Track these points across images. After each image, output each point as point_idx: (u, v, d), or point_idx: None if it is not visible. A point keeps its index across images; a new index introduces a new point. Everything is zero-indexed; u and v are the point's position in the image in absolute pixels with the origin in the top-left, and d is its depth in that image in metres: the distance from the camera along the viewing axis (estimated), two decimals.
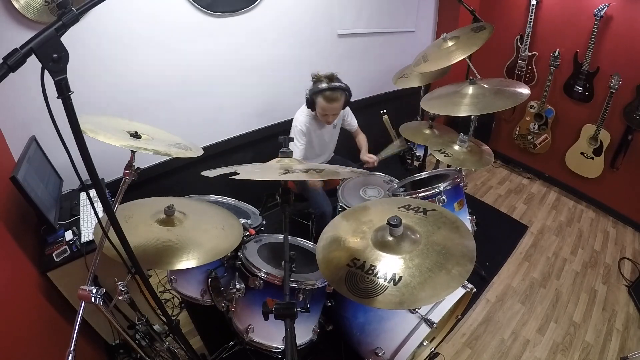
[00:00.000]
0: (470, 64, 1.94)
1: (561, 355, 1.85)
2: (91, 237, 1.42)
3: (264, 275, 1.31)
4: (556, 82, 2.88)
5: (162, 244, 1.14)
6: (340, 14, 2.59)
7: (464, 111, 1.68)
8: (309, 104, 1.95)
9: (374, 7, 2.78)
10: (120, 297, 1.06)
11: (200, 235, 1.23)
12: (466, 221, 1.82)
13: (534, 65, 3.01)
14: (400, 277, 0.96)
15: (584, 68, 2.65)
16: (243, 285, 1.33)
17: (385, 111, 2.05)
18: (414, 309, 1.33)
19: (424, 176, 1.96)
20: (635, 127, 2.52)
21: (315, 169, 1.09)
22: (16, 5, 1.43)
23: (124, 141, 1.05)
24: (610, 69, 2.50)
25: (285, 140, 1.21)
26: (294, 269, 1.04)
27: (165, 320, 1.09)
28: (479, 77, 1.85)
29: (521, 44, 2.99)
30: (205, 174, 1.08)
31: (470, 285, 1.44)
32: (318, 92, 1.87)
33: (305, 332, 1.39)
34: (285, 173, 0.98)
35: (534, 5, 2.78)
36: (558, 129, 3.05)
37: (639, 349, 1.85)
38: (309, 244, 1.67)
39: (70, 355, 0.75)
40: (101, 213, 0.89)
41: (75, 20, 0.58)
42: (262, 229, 1.68)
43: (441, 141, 1.92)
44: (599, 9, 2.41)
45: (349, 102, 1.99)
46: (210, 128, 2.32)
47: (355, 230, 1.16)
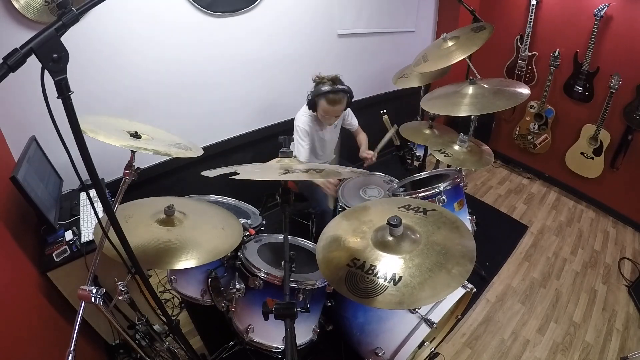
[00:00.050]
0: (470, 64, 1.94)
1: (561, 355, 1.85)
2: (91, 237, 1.42)
3: (264, 275, 1.31)
4: (556, 82, 2.88)
5: (162, 244, 1.14)
6: (340, 14, 2.59)
7: (464, 111, 1.68)
8: (311, 105, 1.94)
9: (374, 7, 2.78)
10: (120, 297, 1.06)
11: (200, 235, 1.23)
12: (466, 221, 1.82)
13: (534, 65, 3.01)
14: (400, 277, 0.96)
15: (584, 68, 2.65)
16: (243, 285, 1.33)
17: (385, 111, 2.05)
18: (414, 309, 1.33)
19: (424, 176, 1.95)
20: (635, 127, 2.52)
21: (315, 169, 1.09)
22: (16, 5, 1.43)
23: (124, 141, 1.05)
24: (610, 69, 2.50)
25: (285, 140, 1.21)
26: (294, 269, 1.04)
27: (165, 320, 1.09)
28: (479, 77, 1.85)
29: (521, 44, 2.99)
30: (205, 174, 1.08)
31: (470, 285, 1.44)
32: (320, 95, 1.86)
33: (305, 332, 1.39)
34: (285, 173, 0.98)
35: (534, 5, 2.78)
36: (558, 129, 3.05)
37: (639, 349, 1.85)
38: (309, 244, 1.67)
39: (70, 355, 0.75)
40: (101, 213, 0.89)
41: (75, 20, 0.58)
42: (262, 229, 1.68)
43: (441, 141, 1.92)
44: (599, 9, 2.41)
45: (350, 103, 1.99)
46: (210, 128, 2.32)
47: (355, 230, 1.16)
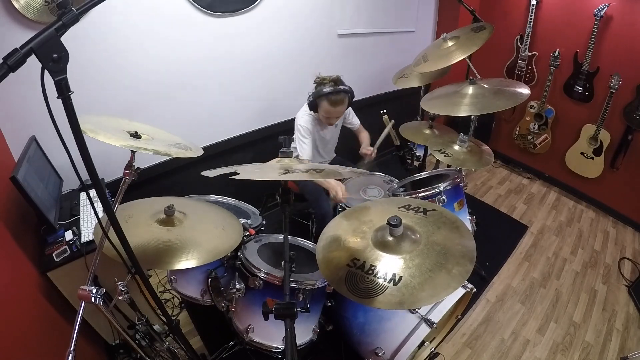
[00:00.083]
0: (470, 64, 1.94)
1: (561, 355, 1.85)
2: (91, 237, 1.42)
3: (264, 275, 1.31)
4: (556, 82, 2.88)
5: (162, 244, 1.14)
6: (340, 14, 2.59)
7: (464, 111, 1.68)
8: (312, 106, 1.93)
9: (374, 7, 2.78)
10: (120, 297, 1.06)
11: (200, 235, 1.23)
12: (466, 221, 1.82)
13: (534, 65, 3.01)
14: (400, 277, 0.96)
15: (584, 68, 2.65)
16: (243, 285, 1.33)
17: (385, 111, 2.05)
18: (414, 309, 1.33)
19: (424, 176, 1.96)
20: (635, 127, 2.52)
21: (315, 169, 1.09)
22: (16, 5, 1.43)
23: (124, 141, 1.05)
24: (610, 69, 2.50)
25: (285, 140, 1.21)
26: (294, 269, 1.03)
27: (165, 320, 1.09)
28: (479, 77, 1.85)
29: (521, 44, 2.99)
30: (205, 174, 1.08)
31: (470, 285, 1.44)
32: (322, 96, 1.85)
33: (305, 332, 1.39)
34: (285, 173, 0.98)
35: (534, 5, 2.78)
36: (558, 129, 3.05)
37: (639, 349, 1.85)
38: (309, 244, 1.67)
39: (70, 355, 0.75)
40: (101, 213, 0.89)
41: (75, 20, 0.58)
42: (262, 229, 1.68)
43: (441, 141, 1.92)
44: (599, 9, 2.41)
45: (351, 103, 1.99)
46: (210, 128, 2.32)
47: (356, 230, 1.16)
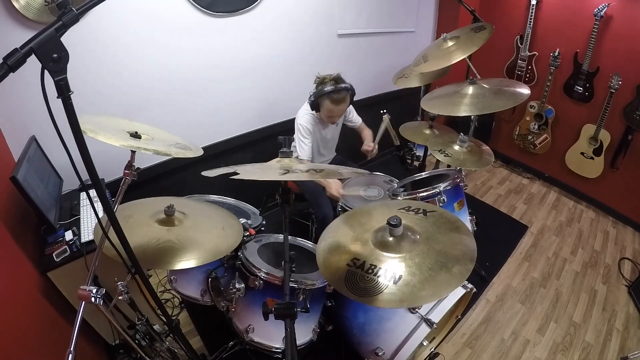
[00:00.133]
0: (470, 64, 1.94)
1: (561, 355, 1.85)
2: (91, 237, 1.42)
3: (264, 275, 1.31)
4: (556, 82, 2.88)
5: (162, 244, 1.14)
6: (340, 14, 2.59)
7: (464, 111, 1.68)
8: (314, 106, 1.93)
9: (374, 7, 2.78)
10: (120, 297, 1.06)
11: (200, 235, 1.23)
12: (466, 221, 1.82)
13: (534, 65, 3.01)
14: (401, 276, 0.96)
15: (584, 68, 2.65)
16: (243, 285, 1.33)
17: (385, 111, 2.05)
18: (414, 309, 1.33)
19: (424, 176, 1.95)
20: (635, 127, 2.52)
21: (315, 169, 1.09)
22: (16, 5, 1.43)
23: (124, 141, 1.05)
24: (610, 69, 2.50)
25: (285, 140, 1.21)
26: (294, 269, 1.03)
27: (165, 320, 1.09)
28: (479, 77, 1.85)
29: (521, 44, 2.99)
30: (205, 174, 1.08)
31: (470, 285, 1.44)
32: (324, 95, 1.85)
33: (305, 332, 1.39)
34: (285, 173, 0.98)
35: (534, 5, 2.78)
36: (558, 129, 3.05)
37: (639, 349, 1.85)
38: (309, 244, 1.67)
39: (70, 355, 0.75)
40: (101, 213, 0.89)
41: (75, 20, 0.58)
42: (262, 229, 1.68)
43: (441, 141, 1.92)
44: (599, 9, 2.41)
45: (352, 100, 1.98)
46: (210, 128, 2.32)
47: (355, 239, 1.15)
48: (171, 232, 1.19)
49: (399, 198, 1.68)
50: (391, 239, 1.07)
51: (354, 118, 2.27)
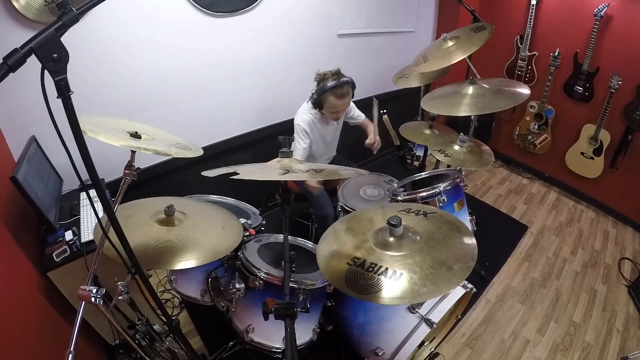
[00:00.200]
0: (470, 64, 1.94)
1: (561, 355, 1.85)
2: (91, 237, 1.42)
3: (264, 275, 1.31)
4: (556, 82, 2.88)
5: (162, 244, 1.14)
6: (340, 14, 2.59)
7: (464, 111, 1.68)
8: (317, 103, 1.92)
9: (374, 7, 2.78)
10: (120, 297, 1.06)
11: (200, 235, 1.23)
12: (466, 221, 1.82)
13: (534, 65, 3.01)
14: (402, 274, 0.96)
15: (584, 68, 2.65)
16: (243, 285, 1.33)
17: (385, 111, 2.05)
18: (414, 309, 1.33)
19: (424, 176, 1.96)
20: (635, 127, 2.52)
21: (315, 169, 1.10)
22: (16, 5, 1.43)
23: (124, 141, 1.05)
24: (610, 69, 2.50)
25: (285, 140, 1.21)
26: (294, 269, 1.04)
27: (165, 320, 1.09)
28: (479, 77, 1.85)
29: (521, 44, 2.99)
30: (205, 174, 1.08)
31: (470, 285, 1.44)
32: (327, 91, 1.84)
33: (305, 332, 1.39)
34: (285, 173, 0.98)
35: (534, 5, 2.78)
36: (558, 129, 3.05)
37: (639, 349, 1.85)
38: (309, 244, 1.67)
39: (70, 355, 0.75)
40: (101, 213, 0.89)
41: (75, 20, 0.58)
42: (262, 229, 1.68)
43: (441, 141, 1.92)
44: (599, 9, 2.41)
45: (353, 94, 1.97)
46: (210, 128, 2.32)
47: (355, 239, 1.15)
48: (171, 232, 1.19)
49: (399, 198, 1.68)
50: (392, 239, 1.07)
51: (356, 114, 2.26)
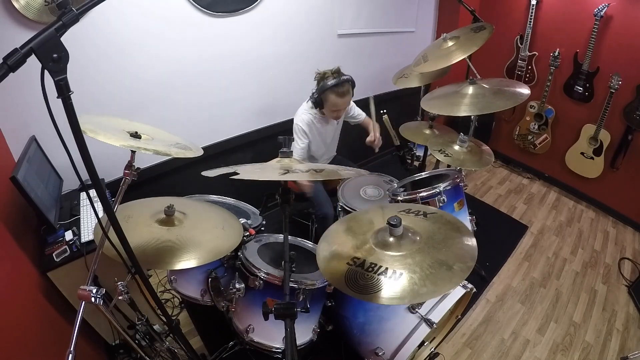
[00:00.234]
0: (470, 64, 1.94)
1: (561, 355, 1.85)
2: (91, 237, 1.42)
3: (264, 275, 1.31)
4: (556, 82, 2.88)
5: (162, 244, 1.14)
6: (340, 13, 2.59)
7: (464, 111, 1.68)
8: (318, 103, 1.92)
9: (374, 7, 2.78)
10: (120, 297, 1.06)
11: (200, 235, 1.23)
12: (466, 221, 1.82)
13: (534, 65, 3.01)
14: (401, 274, 0.96)
15: (584, 68, 2.65)
16: (243, 285, 1.33)
17: (385, 111, 2.05)
18: (414, 309, 1.33)
19: (424, 176, 1.96)
20: (635, 127, 2.52)
21: (315, 169, 1.10)
22: (16, 5, 1.43)
23: (124, 141, 1.05)
24: (610, 69, 2.50)
25: (285, 140, 1.21)
26: (294, 269, 1.04)
27: (165, 320, 1.09)
28: (479, 77, 1.85)
29: (521, 44, 2.99)
30: (205, 174, 1.08)
31: (470, 285, 1.44)
32: (328, 89, 1.84)
33: (305, 332, 1.39)
34: (285, 173, 0.98)
35: (534, 5, 2.78)
36: (558, 129, 3.05)
37: (639, 349, 1.85)
38: (309, 244, 1.67)
39: (70, 355, 0.75)
40: (101, 213, 0.89)
41: (75, 20, 0.58)
42: (262, 229, 1.68)
43: (441, 141, 1.92)
44: (599, 9, 2.41)
45: (353, 93, 1.97)
46: (210, 128, 2.32)
47: (355, 239, 1.15)
48: (171, 232, 1.19)
49: (399, 198, 1.68)
50: (391, 239, 1.07)
51: (357, 113, 2.25)
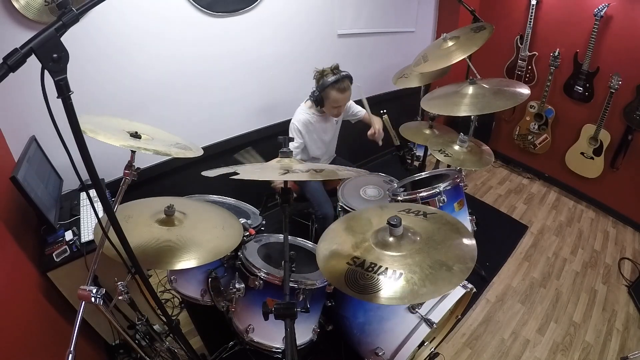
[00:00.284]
0: (470, 64, 1.94)
1: (561, 355, 1.85)
2: (91, 237, 1.42)
3: (264, 275, 1.31)
4: (556, 82, 2.88)
5: (162, 244, 1.14)
6: (340, 13, 2.59)
7: (464, 111, 1.68)
8: (318, 101, 1.93)
9: (373, 7, 2.78)
10: (120, 297, 1.06)
11: (200, 235, 1.23)
12: (466, 221, 1.82)
13: (534, 65, 3.01)
14: (401, 274, 0.96)
15: (584, 68, 2.65)
16: (243, 285, 1.33)
17: (385, 111, 2.05)
18: (414, 309, 1.33)
19: (424, 176, 1.95)
20: (635, 127, 2.52)
21: (315, 169, 1.10)
22: (16, 5, 1.43)
23: (124, 141, 1.05)
24: (610, 69, 2.50)
25: (285, 140, 1.21)
26: (294, 269, 1.04)
27: (165, 320, 1.09)
28: (479, 77, 1.85)
29: (521, 44, 2.99)
30: (205, 174, 1.08)
31: (470, 285, 1.44)
32: (328, 86, 1.85)
33: (305, 332, 1.39)
34: (285, 173, 0.98)
35: (534, 5, 2.78)
36: (558, 129, 3.05)
37: (639, 349, 1.85)
38: (309, 244, 1.67)
39: (70, 355, 0.75)
40: (101, 213, 0.89)
41: (75, 20, 0.58)
42: (262, 229, 1.68)
43: (441, 141, 1.92)
44: (599, 9, 2.41)
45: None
46: (210, 128, 2.32)
47: (355, 239, 1.15)
48: (171, 232, 1.19)
49: (399, 198, 1.68)
50: (391, 239, 1.07)
51: (357, 110, 2.26)
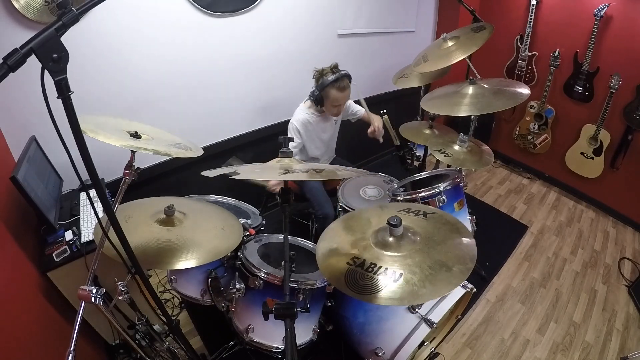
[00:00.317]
0: (470, 64, 1.94)
1: (561, 355, 1.85)
2: (91, 237, 1.42)
3: (264, 275, 1.31)
4: (556, 82, 2.88)
5: (162, 244, 1.14)
6: (340, 13, 2.59)
7: (464, 111, 1.68)
8: (318, 100, 1.93)
9: (374, 7, 2.78)
10: (120, 297, 1.06)
11: (200, 235, 1.23)
12: (466, 221, 1.82)
13: (534, 65, 3.01)
14: (401, 274, 0.96)
15: (584, 68, 2.65)
16: (243, 285, 1.33)
17: (385, 111, 2.05)
18: (414, 309, 1.33)
19: (424, 176, 1.95)
20: (635, 127, 2.52)
21: (315, 169, 1.10)
22: (16, 5, 1.43)
23: (124, 141, 1.05)
24: (610, 69, 2.50)
25: (285, 140, 1.21)
26: (294, 269, 1.04)
27: (165, 320, 1.09)
28: (479, 77, 1.85)
29: (521, 44, 2.99)
30: (205, 174, 1.08)
31: (470, 285, 1.44)
32: (328, 85, 1.85)
33: (305, 332, 1.39)
34: (285, 173, 0.98)
35: (534, 5, 2.78)
36: (558, 129, 3.05)
37: (639, 349, 1.85)
38: (309, 244, 1.67)
39: (70, 355, 0.75)
40: (101, 213, 0.89)
41: (75, 20, 0.58)
42: (262, 229, 1.68)
43: (441, 141, 1.92)
44: (599, 9, 2.41)
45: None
46: (210, 128, 2.32)
47: (355, 239, 1.15)
48: (171, 232, 1.19)
49: (399, 198, 1.68)
50: (391, 239, 1.07)
51: (356, 109, 2.26)
